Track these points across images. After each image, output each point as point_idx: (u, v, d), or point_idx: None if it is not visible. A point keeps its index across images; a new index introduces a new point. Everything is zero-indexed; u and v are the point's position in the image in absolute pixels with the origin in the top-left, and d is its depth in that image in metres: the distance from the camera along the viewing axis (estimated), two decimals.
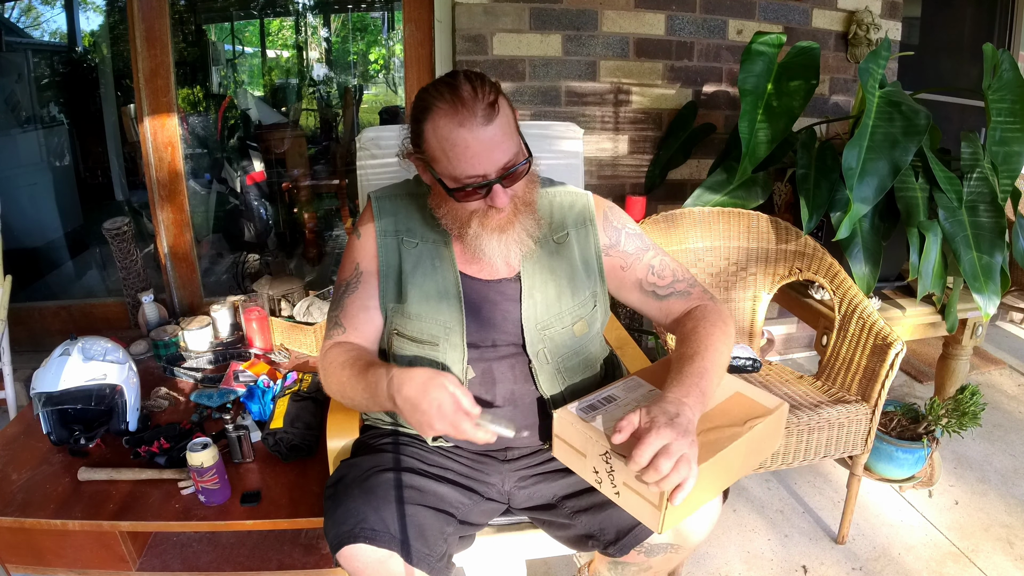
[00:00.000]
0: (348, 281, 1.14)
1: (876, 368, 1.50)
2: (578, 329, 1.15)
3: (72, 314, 2.45)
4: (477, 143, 0.95)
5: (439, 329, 1.10)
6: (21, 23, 3.59)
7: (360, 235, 1.15)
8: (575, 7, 2.12)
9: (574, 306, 1.14)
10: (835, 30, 2.39)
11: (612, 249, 1.19)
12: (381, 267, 1.12)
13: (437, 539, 1.01)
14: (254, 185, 3.26)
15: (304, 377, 1.69)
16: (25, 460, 1.50)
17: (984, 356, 2.71)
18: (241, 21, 4.43)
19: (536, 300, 1.12)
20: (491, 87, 0.98)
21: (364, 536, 0.94)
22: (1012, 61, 1.60)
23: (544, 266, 1.13)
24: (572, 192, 1.20)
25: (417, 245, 1.13)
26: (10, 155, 3.28)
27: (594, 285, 1.17)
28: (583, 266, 1.16)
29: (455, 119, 0.95)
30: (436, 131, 0.97)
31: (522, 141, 1.03)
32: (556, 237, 1.15)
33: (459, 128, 0.95)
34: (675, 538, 1.05)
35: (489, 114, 0.95)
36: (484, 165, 0.97)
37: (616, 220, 1.20)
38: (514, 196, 1.02)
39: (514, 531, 1.20)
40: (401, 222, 1.14)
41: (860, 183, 1.50)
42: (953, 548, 1.70)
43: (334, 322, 1.13)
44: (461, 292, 1.11)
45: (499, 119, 0.96)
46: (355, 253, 1.15)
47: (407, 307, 1.10)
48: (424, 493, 1.05)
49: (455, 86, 0.96)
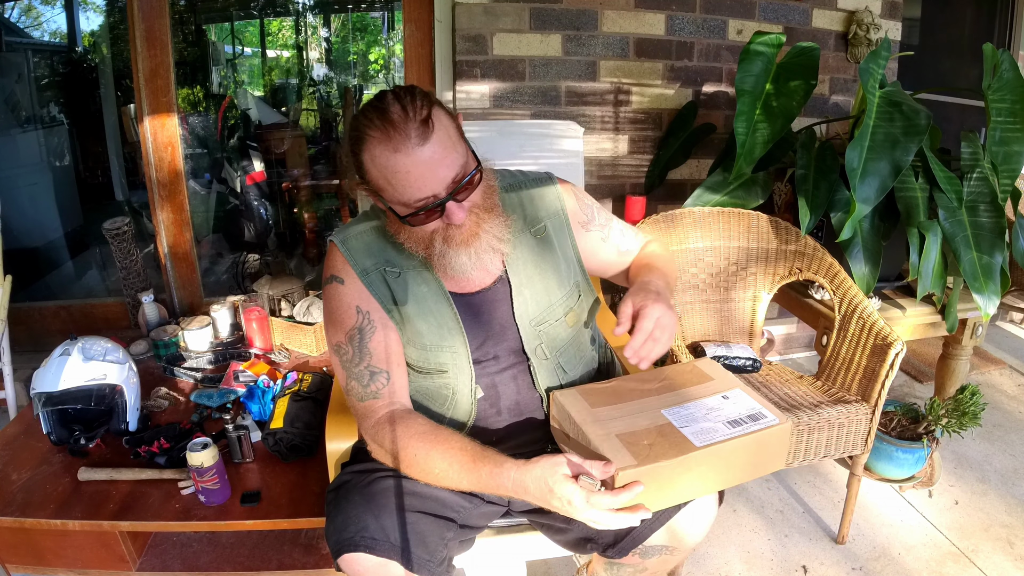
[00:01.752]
0: (359, 327, 1.05)
1: (876, 368, 1.50)
2: (570, 320, 1.14)
3: (72, 314, 2.45)
4: (417, 166, 0.90)
5: (447, 356, 1.08)
6: (21, 23, 3.59)
7: (343, 280, 1.06)
8: (575, 7, 2.12)
9: (563, 296, 1.13)
10: (835, 30, 2.39)
11: (591, 225, 1.19)
12: (381, 304, 1.06)
13: (437, 545, 1.01)
14: (254, 185, 3.26)
15: (304, 377, 1.69)
16: (25, 460, 1.50)
17: (984, 356, 2.70)
18: (241, 21, 4.43)
19: (526, 297, 1.10)
20: (423, 101, 0.92)
21: (364, 545, 0.94)
22: (1012, 61, 1.60)
23: (528, 261, 1.11)
24: (537, 180, 1.17)
25: (400, 274, 1.07)
26: (10, 155, 3.28)
27: (575, 275, 1.16)
28: (563, 257, 1.15)
29: (389, 145, 0.90)
30: (374, 161, 0.92)
31: (469, 149, 0.98)
32: (534, 230, 1.13)
33: (395, 154, 0.90)
34: (671, 540, 1.05)
35: (424, 132, 0.90)
36: (431, 186, 0.92)
37: (585, 197, 1.22)
38: (472, 207, 0.98)
39: (514, 533, 1.20)
40: (375, 255, 1.07)
41: (862, 183, 1.50)
42: (953, 548, 1.70)
43: (367, 374, 1.04)
44: (456, 312, 1.07)
45: (436, 135, 0.91)
46: (347, 299, 1.06)
47: (413, 338, 1.07)
48: (424, 499, 1.04)
49: (383, 109, 0.91)
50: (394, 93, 0.93)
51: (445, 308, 1.07)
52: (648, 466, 0.87)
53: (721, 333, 1.87)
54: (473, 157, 0.98)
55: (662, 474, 0.88)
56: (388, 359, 1.06)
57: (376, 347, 1.05)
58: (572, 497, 0.84)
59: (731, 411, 0.99)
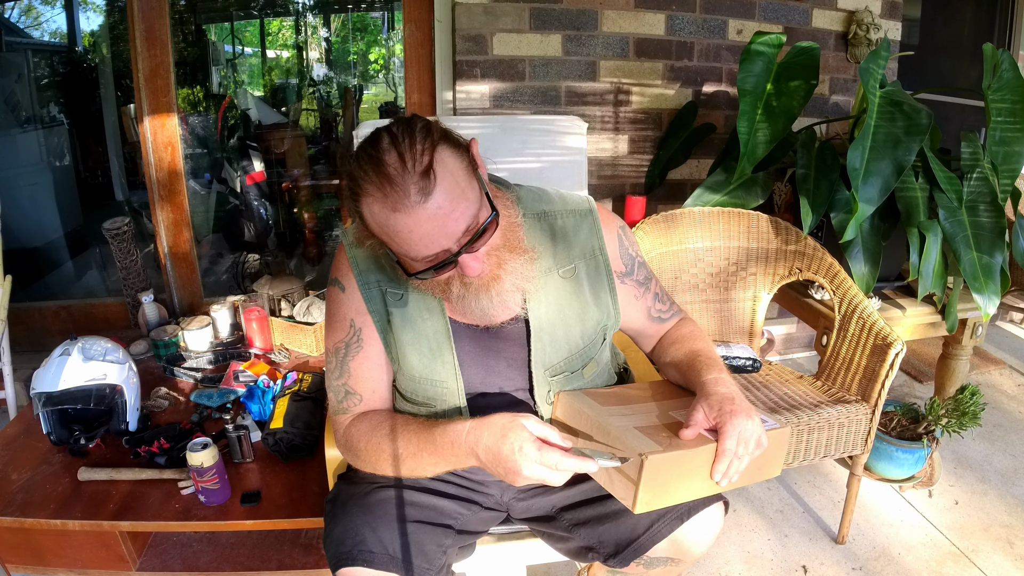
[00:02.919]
0: (347, 342, 1.02)
1: (876, 368, 1.50)
2: (588, 371, 1.07)
3: (72, 314, 2.44)
4: (420, 225, 0.80)
5: (437, 390, 1.02)
6: (21, 23, 3.59)
7: (344, 288, 1.02)
8: (575, 7, 2.12)
9: (584, 348, 1.05)
10: (835, 30, 2.39)
11: (627, 278, 1.09)
12: (376, 323, 1.01)
13: (435, 553, 1.00)
14: (254, 185, 3.26)
15: (304, 377, 1.69)
16: (25, 460, 1.50)
17: (984, 356, 2.70)
18: (241, 21, 4.43)
19: (544, 343, 1.02)
20: (424, 144, 0.81)
21: (363, 559, 0.93)
22: (1012, 61, 1.60)
23: (552, 304, 1.01)
24: (573, 211, 1.05)
25: (402, 297, 1.00)
26: (10, 155, 3.28)
27: (606, 319, 1.07)
28: (593, 300, 1.05)
29: (387, 205, 0.80)
30: (374, 218, 0.83)
31: (482, 191, 0.87)
32: (562, 271, 1.02)
33: (394, 214, 0.80)
34: (675, 552, 1.03)
35: (425, 186, 0.79)
36: (439, 242, 0.83)
37: (630, 247, 1.10)
38: (491, 250, 0.89)
39: (515, 539, 1.19)
40: (381, 269, 1.00)
41: (865, 184, 1.50)
42: (953, 548, 1.70)
43: (343, 392, 1.02)
44: (453, 347, 1.00)
45: (440, 186, 0.80)
46: (344, 309, 1.02)
47: (403, 367, 1.02)
48: (423, 508, 1.03)
49: (379, 161, 0.80)
50: (391, 136, 0.82)
51: (443, 343, 1.00)
52: (674, 452, 0.86)
53: (721, 333, 1.87)
54: (488, 202, 0.87)
55: (684, 463, 0.88)
56: (366, 383, 1.02)
57: (357, 367, 1.01)
58: (524, 444, 0.82)
59: None
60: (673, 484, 0.89)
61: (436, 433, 0.91)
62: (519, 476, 0.83)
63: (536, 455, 0.82)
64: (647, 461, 0.83)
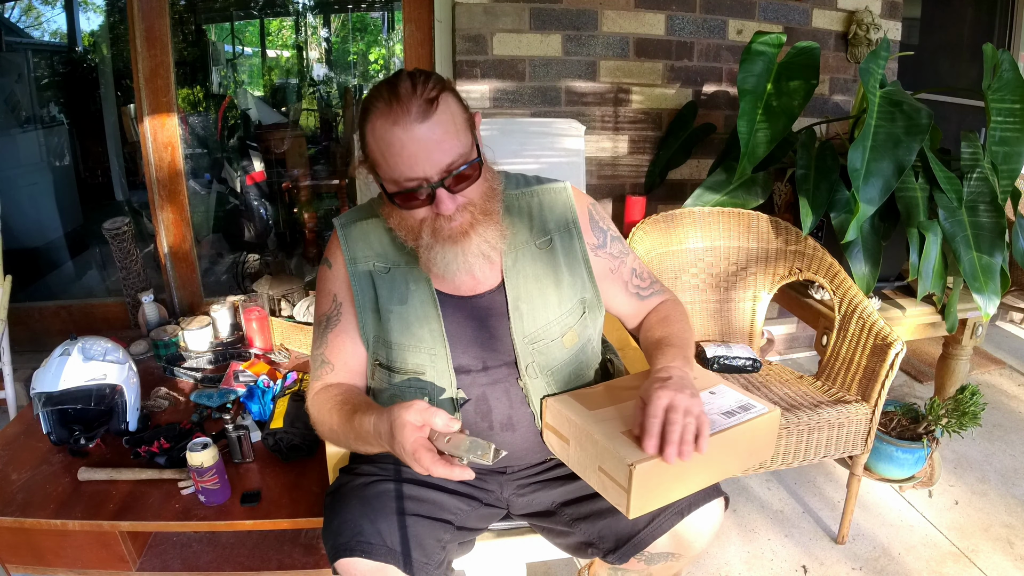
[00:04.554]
0: (328, 315, 1.09)
1: (876, 368, 1.50)
2: (568, 340, 1.09)
3: (72, 314, 2.44)
4: (413, 142, 0.89)
5: (424, 356, 1.05)
6: (21, 23, 3.59)
7: (331, 264, 1.09)
8: (575, 7, 2.12)
9: (561, 315, 1.08)
10: (835, 30, 2.39)
11: (600, 250, 1.14)
12: (356, 298, 1.07)
13: (434, 547, 1.01)
14: (254, 185, 3.26)
15: (304, 377, 1.69)
16: (25, 460, 1.50)
17: (984, 356, 2.70)
18: (241, 21, 4.43)
19: (523, 312, 1.06)
20: (436, 84, 0.91)
21: (360, 550, 0.94)
22: (1012, 61, 1.60)
23: (528, 274, 1.07)
24: (550, 189, 1.12)
25: (389, 270, 1.06)
26: (10, 155, 3.29)
27: (582, 291, 1.10)
28: (568, 272, 1.09)
29: (389, 117, 0.89)
30: (374, 132, 0.91)
31: (475, 143, 0.95)
32: (539, 242, 1.09)
33: (393, 127, 0.89)
34: (675, 547, 1.03)
35: (426, 110, 0.88)
36: (423, 167, 0.90)
37: (601, 220, 1.16)
38: (468, 204, 0.95)
39: (514, 535, 1.20)
40: (371, 247, 1.07)
41: (866, 184, 1.50)
42: (953, 548, 1.70)
43: (320, 360, 1.08)
44: (440, 313, 1.05)
45: (438, 116, 0.89)
46: (329, 284, 1.10)
47: (389, 337, 1.05)
48: (422, 502, 1.04)
49: (394, 84, 0.91)
50: (410, 72, 0.92)
51: (429, 309, 1.05)
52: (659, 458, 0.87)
53: (721, 333, 1.87)
54: (477, 151, 0.95)
55: (674, 465, 0.88)
56: (339, 355, 1.08)
57: (334, 339, 1.08)
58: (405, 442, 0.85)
59: (722, 404, 1.01)
60: (664, 485, 0.90)
61: (355, 419, 0.96)
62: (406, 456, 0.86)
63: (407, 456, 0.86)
64: (635, 471, 0.85)
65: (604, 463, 0.91)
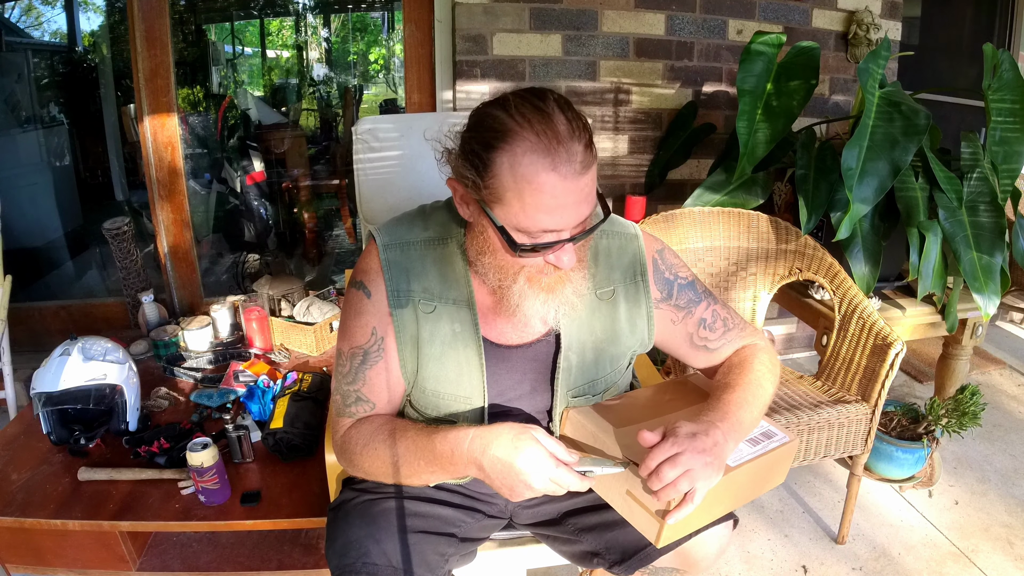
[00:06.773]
0: (367, 350, 0.96)
1: (876, 368, 1.50)
2: (607, 395, 1.04)
3: (72, 314, 2.44)
4: (568, 194, 0.77)
5: (460, 404, 0.98)
6: (21, 23, 3.59)
7: (370, 293, 0.95)
8: (575, 7, 2.12)
9: (610, 372, 1.01)
10: (835, 30, 2.39)
11: (663, 303, 1.03)
12: (397, 333, 0.95)
13: (438, 562, 1.00)
14: (254, 185, 3.26)
15: (304, 377, 1.69)
16: (25, 460, 1.50)
17: (984, 356, 2.70)
18: (241, 21, 4.42)
19: (572, 364, 0.98)
20: (584, 122, 0.79)
21: (366, 572, 0.92)
22: (1012, 61, 1.60)
23: (584, 325, 0.97)
24: (621, 235, 1.01)
25: (435, 309, 0.94)
26: (10, 155, 3.28)
27: (636, 345, 1.03)
28: (628, 327, 1.00)
29: (547, 159, 0.75)
30: (515, 167, 0.77)
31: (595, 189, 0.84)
32: (600, 292, 0.98)
33: (551, 172, 0.76)
34: (681, 563, 1.01)
35: (587, 161, 0.77)
36: (566, 220, 0.79)
37: (667, 269, 1.03)
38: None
39: (516, 544, 1.19)
40: (416, 278, 0.95)
41: (860, 183, 1.50)
42: (953, 548, 1.70)
43: (355, 397, 0.97)
44: (483, 364, 0.95)
45: (592, 168, 0.79)
46: (367, 317, 0.95)
47: (425, 384, 0.97)
48: (426, 518, 1.03)
49: (547, 114, 0.77)
50: (557, 99, 0.79)
51: (472, 355, 0.95)
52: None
53: None
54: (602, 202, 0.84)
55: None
56: (381, 393, 0.98)
57: (374, 376, 0.97)
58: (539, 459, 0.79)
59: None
60: (692, 516, 0.85)
61: (436, 439, 0.87)
62: (529, 490, 0.80)
63: (552, 472, 0.79)
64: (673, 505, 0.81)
65: (635, 489, 0.85)
